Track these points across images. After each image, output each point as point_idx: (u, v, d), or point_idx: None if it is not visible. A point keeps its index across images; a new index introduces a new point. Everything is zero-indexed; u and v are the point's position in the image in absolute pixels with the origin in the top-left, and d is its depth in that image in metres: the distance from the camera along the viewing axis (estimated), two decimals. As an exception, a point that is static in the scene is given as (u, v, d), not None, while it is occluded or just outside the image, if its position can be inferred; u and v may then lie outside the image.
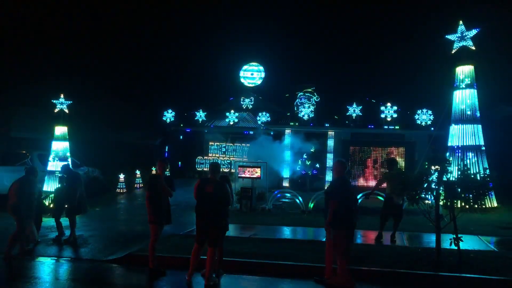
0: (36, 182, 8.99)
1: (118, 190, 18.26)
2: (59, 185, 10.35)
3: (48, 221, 11.58)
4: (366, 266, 7.38)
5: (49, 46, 30.90)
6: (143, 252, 7.92)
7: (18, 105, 23.55)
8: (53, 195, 11.03)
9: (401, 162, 18.48)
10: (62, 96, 14.24)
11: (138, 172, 20.13)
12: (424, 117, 19.66)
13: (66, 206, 9.77)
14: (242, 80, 26.41)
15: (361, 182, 19.63)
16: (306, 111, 20.47)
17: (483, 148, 14.74)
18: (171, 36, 42.79)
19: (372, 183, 19.12)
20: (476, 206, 7.92)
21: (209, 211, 6.74)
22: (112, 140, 25.20)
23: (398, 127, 19.64)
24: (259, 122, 23.61)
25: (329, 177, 19.83)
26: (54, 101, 14.21)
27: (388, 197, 9.55)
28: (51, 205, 11.40)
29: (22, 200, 8.40)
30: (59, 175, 11.15)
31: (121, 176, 18.46)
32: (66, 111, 14.28)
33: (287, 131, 20.87)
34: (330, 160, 19.96)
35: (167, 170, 8.42)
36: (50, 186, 13.73)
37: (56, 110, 14.23)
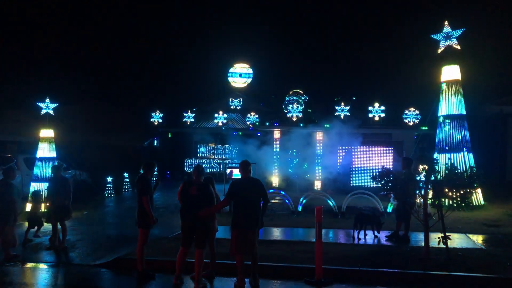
0: (13, 185, 8.73)
1: (106, 193, 18.06)
2: (51, 188, 10.08)
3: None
4: (355, 266, 7.40)
5: (35, 48, 30.52)
6: (132, 256, 7.85)
7: (4, 108, 23.20)
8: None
9: (388, 161, 18.65)
10: (47, 99, 14.03)
11: (126, 174, 19.94)
12: (411, 116, 19.82)
13: (51, 210, 9.58)
14: (230, 81, 26.38)
15: (350, 182, 19.76)
16: (294, 111, 20.51)
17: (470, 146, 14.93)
18: (159, 38, 42.57)
19: (361, 183, 19.27)
20: (463, 204, 8.01)
21: (194, 213, 6.74)
22: (100, 142, 24.97)
23: (385, 127, 19.77)
24: (248, 123, 23.60)
25: (317, 176, 19.89)
26: (40, 104, 14.00)
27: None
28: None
29: (2, 205, 8.24)
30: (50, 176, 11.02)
31: (109, 179, 18.26)
32: (52, 113, 14.07)
33: (276, 131, 20.87)
34: (318, 160, 20.01)
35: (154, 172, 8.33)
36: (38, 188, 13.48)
37: (42, 113, 14.01)
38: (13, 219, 8.52)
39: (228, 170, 14.67)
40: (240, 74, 26.33)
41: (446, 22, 14.87)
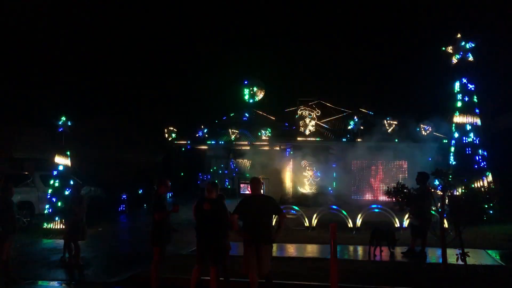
0: (12, 201, 8.56)
1: (120, 210, 18.15)
2: (67, 206, 10.11)
3: (50, 243, 11.54)
4: (373, 284, 7.27)
5: (51, 65, 31.17)
6: (146, 273, 7.83)
7: (21, 126, 23.61)
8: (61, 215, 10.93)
9: (402, 175, 18.45)
10: (63, 116, 14.26)
11: (140, 191, 20.05)
12: (426, 129, 19.43)
13: (67, 228, 9.63)
14: (243, 95, 26.45)
15: (364, 196, 19.60)
16: (307, 125, 20.42)
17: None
18: (172, 53, 43.14)
19: (374, 196, 19.06)
20: (481, 219, 7.86)
21: (208, 230, 6.74)
22: (114, 158, 25.18)
23: (399, 140, 19.45)
24: (261, 138, 23.55)
25: (332, 191, 19.68)
26: (55, 122, 14.23)
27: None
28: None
29: (1, 223, 8.01)
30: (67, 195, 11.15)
31: (124, 195, 18.37)
32: (68, 131, 14.28)
33: (289, 146, 20.82)
34: (333, 175, 19.85)
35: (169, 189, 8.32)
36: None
37: (58, 131, 14.22)
38: (12, 236, 8.24)
39: (242, 186, 14.65)
40: (252, 89, 26.39)
41: (459, 35, 14.81)
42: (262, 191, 6.96)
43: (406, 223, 12.29)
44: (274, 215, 6.95)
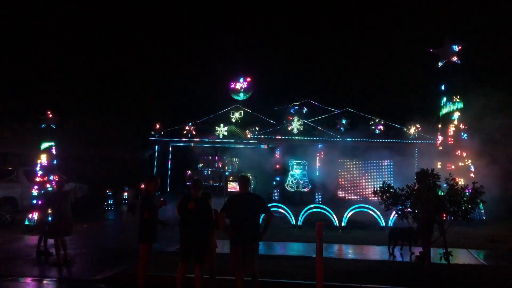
0: None
1: (106, 207, 18.00)
2: (50, 203, 9.97)
3: (34, 239, 11.37)
4: (357, 283, 7.33)
5: (36, 60, 30.67)
6: (132, 271, 7.78)
7: (5, 120, 23.24)
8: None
9: (388, 175, 18.63)
10: (49, 112, 14.05)
11: (126, 188, 19.91)
12: (412, 129, 19.63)
13: (52, 225, 9.51)
14: (231, 93, 26.41)
15: (350, 195, 19.74)
16: (295, 124, 20.47)
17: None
18: (160, 49, 42.84)
19: (360, 195, 19.20)
20: (464, 219, 7.97)
21: (192, 228, 6.71)
22: (100, 155, 24.93)
23: (386, 140, 19.62)
24: (249, 136, 23.58)
25: (318, 190, 19.80)
26: (41, 117, 14.02)
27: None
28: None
29: None
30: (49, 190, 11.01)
31: (109, 192, 18.23)
32: (53, 126, 14.07)
33: (277, 144, 20.86)
34: (320, 174, 19.94)
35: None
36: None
37: (43, 126, 14.02)
38: None
39: (229, 184, 14.65)
40: (241, 86, 26.36)
41: (446, 38, 15.00)
42: (250, 189, 6.94)
43: (391, 222, 12.41)
44: (261, 214, 6.94)
